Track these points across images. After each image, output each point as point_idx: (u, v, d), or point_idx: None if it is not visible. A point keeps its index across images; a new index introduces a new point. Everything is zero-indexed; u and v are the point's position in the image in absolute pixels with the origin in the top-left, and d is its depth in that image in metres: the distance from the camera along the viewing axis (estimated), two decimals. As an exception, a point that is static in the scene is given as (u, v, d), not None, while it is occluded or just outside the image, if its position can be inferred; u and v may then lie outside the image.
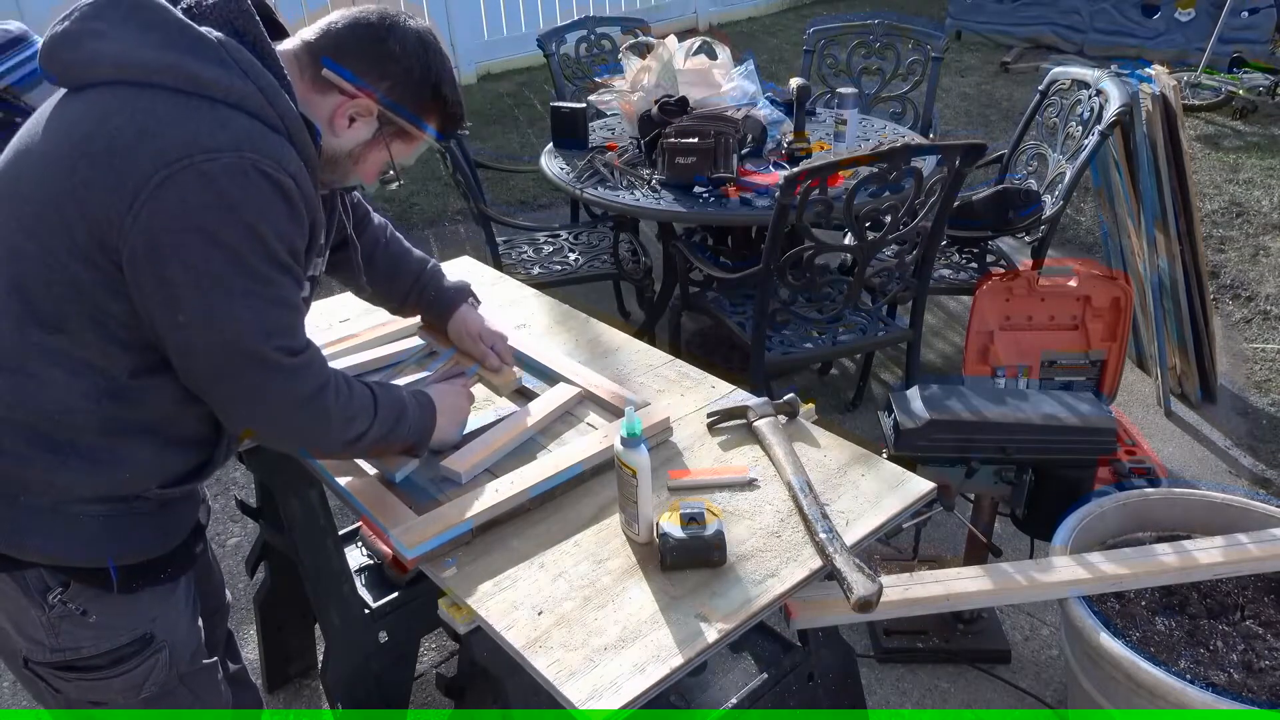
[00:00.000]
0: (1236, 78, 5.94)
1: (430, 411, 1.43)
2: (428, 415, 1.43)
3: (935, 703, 2.15)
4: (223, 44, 1.13)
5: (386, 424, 1.34)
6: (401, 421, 1.37)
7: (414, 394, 1.43)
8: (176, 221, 1.07)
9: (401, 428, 1.37)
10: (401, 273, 1.70)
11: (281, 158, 1.13)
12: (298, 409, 1.21)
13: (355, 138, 1.27)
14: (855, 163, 2.51)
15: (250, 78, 1.13)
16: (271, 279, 1.14)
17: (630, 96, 3.13)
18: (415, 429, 1.40)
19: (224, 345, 1.13)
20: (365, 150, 1.29)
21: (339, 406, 1.26)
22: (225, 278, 1.10)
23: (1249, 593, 1.92)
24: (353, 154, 1.28)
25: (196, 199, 1.07)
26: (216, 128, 1.09)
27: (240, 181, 1.08)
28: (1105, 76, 3.04)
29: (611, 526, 1.35)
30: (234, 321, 1.12)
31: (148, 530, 1.27)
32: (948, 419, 1.97)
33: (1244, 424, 3.11)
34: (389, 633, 1.87)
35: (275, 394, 1.19)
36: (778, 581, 1.23)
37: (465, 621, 1.23)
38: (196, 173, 1.06)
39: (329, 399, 1.24)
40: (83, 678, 1.27)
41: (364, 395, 1.31)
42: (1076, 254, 4.12)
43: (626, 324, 3.71)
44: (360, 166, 1.31)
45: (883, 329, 2.92)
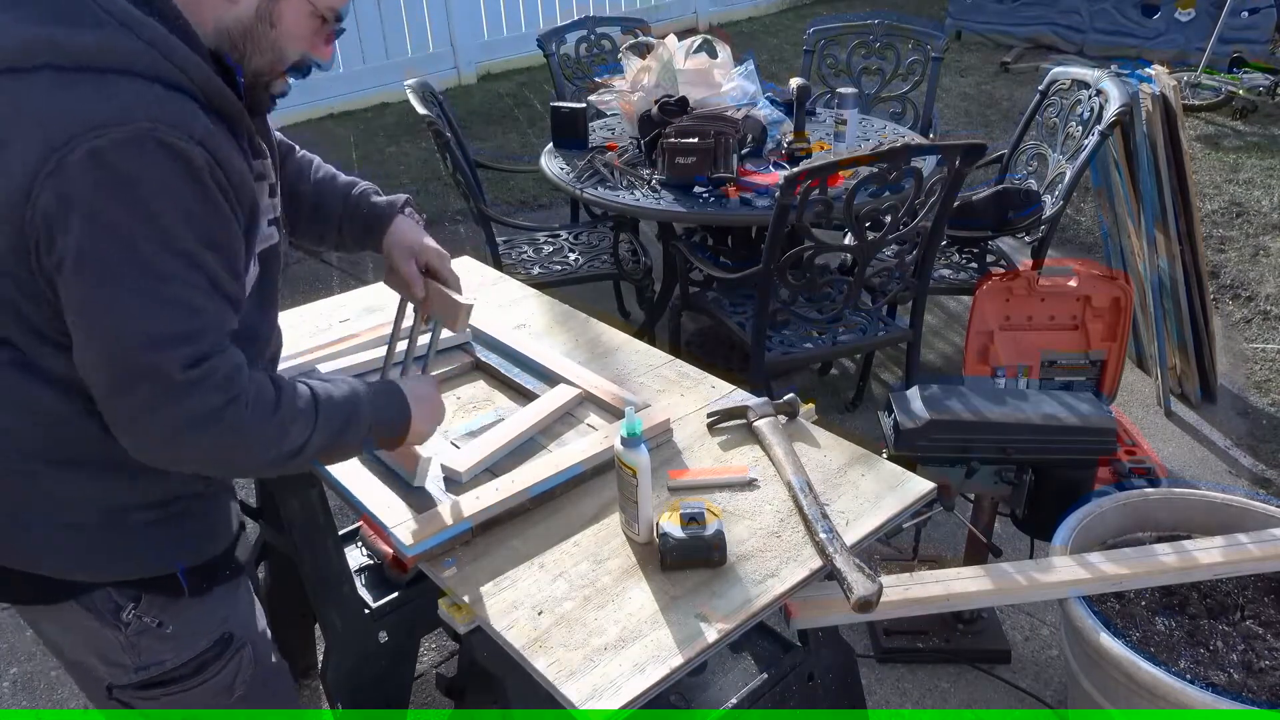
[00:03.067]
0: (1236, 78, 5.93)
1: (398, 400, 1.26)
2: (394, 406, 1.25)
3: (935, 703, 2.15)
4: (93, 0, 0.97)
5: (332, 428, 1.15)
6: (353, 422, 1.18)
7: (375, 385, 1.26)
8: (66, 206, 0.94)
9: (354, 428, 1.18)
10: (327, 200, 1.49)
11: (186, 123, 0.97)
12: (194, 430, 1.02)
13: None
14: (855, 163, 2.51)
15: (133, 30, 0.97)
16: (168, 274, 0.98)
17: (630, 96, 3.13)
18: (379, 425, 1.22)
19: (109, 353, 0.98)
20: (273, 4, 1.06)
21: (256, 421, 1.06)
22: (112, 268, 0.96)
23: (1249, 593, 1.92)
24: (261, 14, 1.06)
25: (86, 179, 0.93)
26: (102, 100, 0.94)
27: (134, 155, 0.94)
28: (1105, 76, 3.04)
29: (611, 526, 1.35)
30: (118, 323, 0.97)
31: (204, 527, 1.23)
32: (948, 419, 1.96)
33: (1244, 424, 3.10)
34: (389, 633, 1.87)
35: (163, 415, 1.00)
36: (778, 581, 1.23)
37: (465, 621, 1.23)
38: (85, 152, 0.93)
39: (241, 415, 1.04)
40: (169, 692, 1.23)
41: (299, 399, 1.13)
42: (1076, 254, 4.12)
43: (626, 324, 3.71)
44: (281, 29, 1.08)
45: (883, 329, 2.92)
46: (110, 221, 0.95)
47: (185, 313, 0.99)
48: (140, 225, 0.96)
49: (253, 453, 1.09)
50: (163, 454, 1.05)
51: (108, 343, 0.98)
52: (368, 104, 6.65)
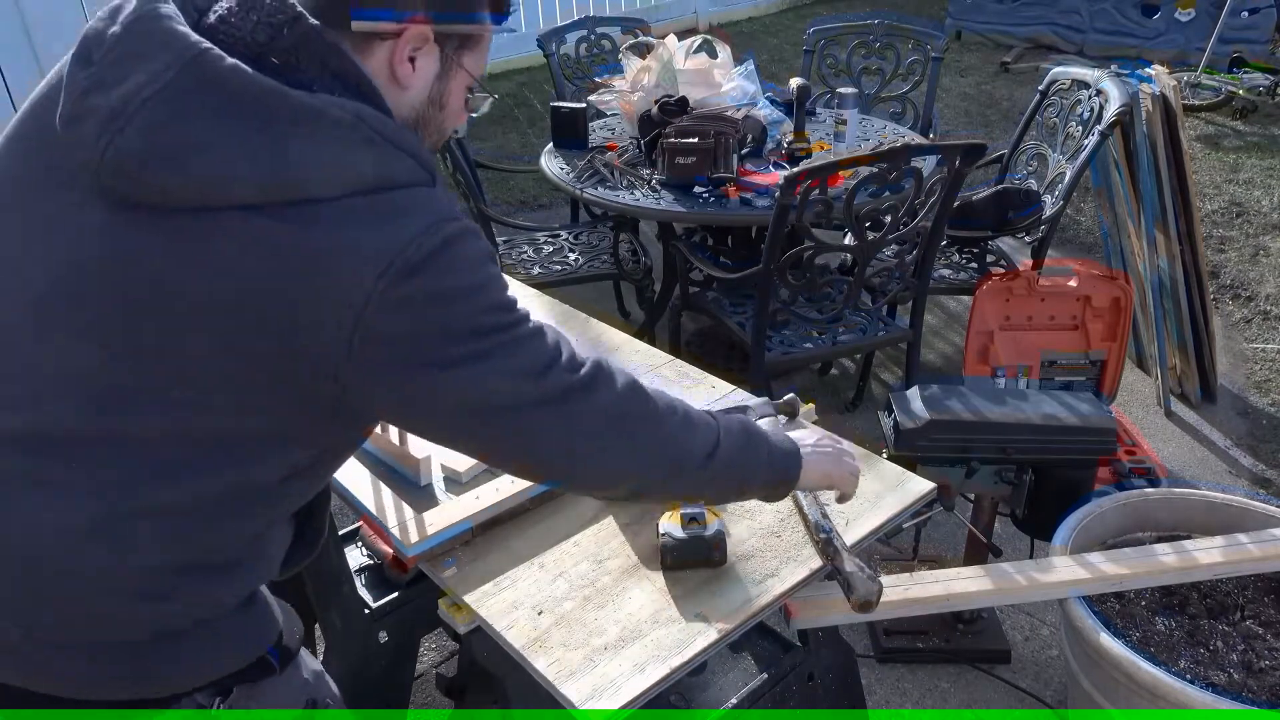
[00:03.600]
0: (1236, 78, 5.93)
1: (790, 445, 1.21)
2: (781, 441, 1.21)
3: (935, 703, 2.15)
4: (360, 118, 0.90)
5: (734, 439, 1.13)
6: (754, 441, 1.16)
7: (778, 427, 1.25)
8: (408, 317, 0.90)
9: (756, 448, 1.16)
10: None
11: (453, 208, 0.96)
12: (617, 411, 1.03)
13: (426, 77, 1.01)
14: (855, 163, 2.51)
15: (393, 142, 0.92)
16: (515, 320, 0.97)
17: (630, 96, 3.13)
18: (777, 450, 1.19)
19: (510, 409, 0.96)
20: (442, 85, 1.03)
21: (661, 407, 1.07)
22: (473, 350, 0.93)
23: (1249, 593, 1.92)
24: (433, 98, 1.03)
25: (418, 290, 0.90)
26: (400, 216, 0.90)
27: (448, 252, 0.91)
28: (1105, 76, 3.04)
29: (612, 526, 1.35)
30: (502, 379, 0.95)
31: (270, 604, 1.14)
32: (948, 419, 1.96)
33: (1244, 424, 3.10)
34: (389, 633, 1.87)
35: (590, 413, 1.00)
36: (778, 581, 1.23)
37: (465, 621, 1.23)
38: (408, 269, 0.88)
39: (641, 392, 1.05)
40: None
41: (677, 402, 1.12)
42: (1076, 254, 4.12)
43: (626, 324, 3.71)
44: (448, 109, 1.06)
45: (883, 329, 2.92)
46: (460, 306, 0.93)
47: (539, 338, 0.99)
48: (479, 305, 0.94)
49: (676, 441, 1.08)
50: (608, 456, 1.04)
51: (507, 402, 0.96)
52: (368, 104, 6.64)
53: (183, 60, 0.86)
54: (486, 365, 0.94)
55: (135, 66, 0.87)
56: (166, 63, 0.86)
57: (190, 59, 0.86)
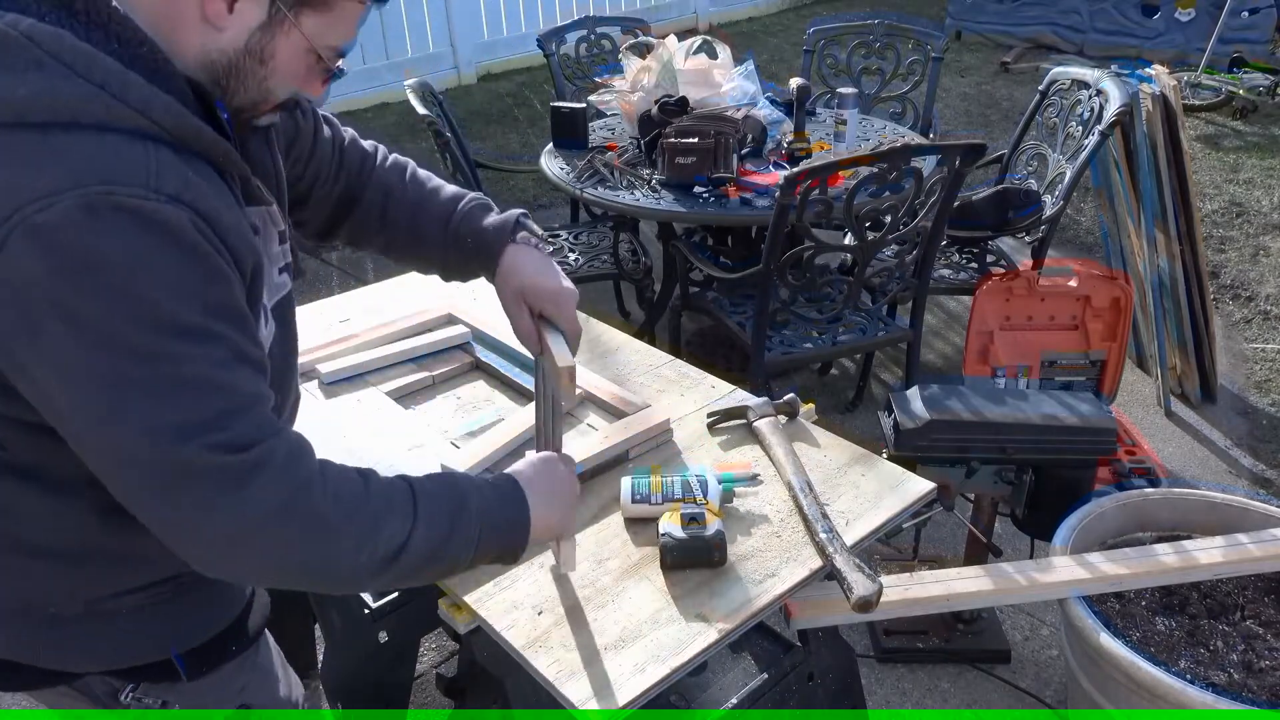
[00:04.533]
0: (1236, 78, 5.94)
1: (514, 495, 1.07)
2: (510, 503, 1.06)
3: (935, 703, 2.15)
4: (30, 37, 0.78)
5: (439, 523, 0.97)
6: (462, 516, 0.99)
7: (480, 477, 1.08)
8: (20, 302, 0.77)
9: (464, 525, 0.99)
10: (425, 223, 1.27)
11: (151, 177, 0.79)
12: (263, 528, 0.85)
13: (244, 23, 0.88)
14: (855, 163, 2.51)
15: (76, 71, 0.78)
16: (174, 354, 0.80)
17: (630, 96, 3.13)
18: (494, 523, 1.03)
19: (133, 464, 0.81)
20: (266, 38, 0.90)
21: (338, 511, 0.89)
22: (100, 368, 0.78)
23: (1249, 593, 1.92)
24: (251, 49, 0.90)
25: (36, 266, 0.75)
26: (45, 163, 0.77)
27: (92, 228, 0.76)
28: (1105, 76, 3.04)
29: (611, 526, 1.35)
30: (130, 429, 0.80)
31: (204, 604, 1.08)
32: (948, 419, 1.96)
33: (1244, 424, 3.10)
34: (389, 633, 1.87)
35: (221, 515, 0.83)
36: (778, 581, 1.23)
37: (465, 621, 1.23)
38: (26, 230, 0.75)
39: (316, 504, 0.88)
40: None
41: (390, 488, 0.96)
42: (1076, 254, 4.12)
43: (626, 324, 3.71)
44: (274, 66, 0.92)
45: (883, 329, 2.92)
46: (80, 316, 0.77)
47: (208, 393, 0.82)
48: (119, 311, 0.78)
49: (340, 554, 0.90)
50: (233, 564, 0.89)
51: (127, 454, 0.81)
52: (368, 104, 6.65)
53: None
54: (114, 395, 0.79)
55: None
56: None
57: None
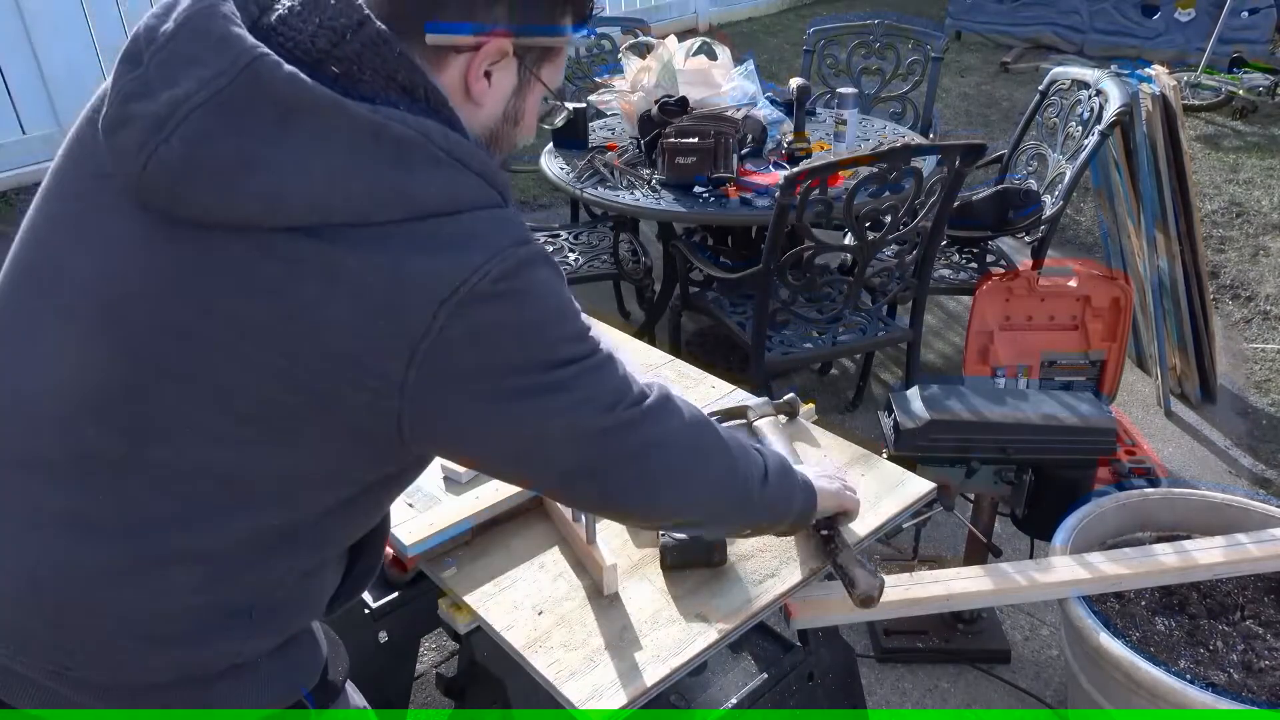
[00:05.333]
0: (1236, 78, 5.94)
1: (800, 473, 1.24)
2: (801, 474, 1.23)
3: (935, 703, 2.15)
4: (425, 134, 0.83)
5: (777, 469, 1.16)
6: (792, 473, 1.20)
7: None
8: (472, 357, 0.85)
9: (795, 479, 1.20)
10: None
11: (525, 229, 0.90)
12: (693, 451, 1.02)
13: (503, 93, 0.95)
14: (855, 163, 2.51)
15: (469, 167, 0.86)
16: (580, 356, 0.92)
17: (630, 96, 3.13)
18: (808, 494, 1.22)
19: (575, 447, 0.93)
20: (518, 101, 0.98)
21: (724, 434, 1.07)
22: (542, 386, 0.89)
23: (1249, 593, 1.92)
24: (509, 114, 0.98)
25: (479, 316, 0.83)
26: (464, 243, 0.84)
27: (514, 273, 0.85)
28: (1105, 76, 3.04)
29: (612, 526, 1.35)
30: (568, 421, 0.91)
31: (315, 641, 1.08)
32: (948, 419, 1.96)
33: (1244, 424, 3.10)
34: (389, 633, 1.87)
35: (657, 449, 0.98)
36: (778, 581, 1.23)
37: (465, 621, 1.23)
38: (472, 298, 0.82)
39: (710, 427, 1.06)
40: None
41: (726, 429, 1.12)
42: (1076, 254, 4.12)
43: (626, 324, 3.71)
44: (523, 124, 1.01)
45: (883, 329, 2.92)
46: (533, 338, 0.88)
47: (610, 371, 0.95)
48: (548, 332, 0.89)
49: (733, 464, 1.07)
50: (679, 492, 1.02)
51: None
52: (368, 104, 6.64)
53: (238, 67, 0.79)
54: (556, 400, 0.90)
55: (186, 70, 0.79)
56: (220, 69, 0.79)
57: (245, 65, 0.79)
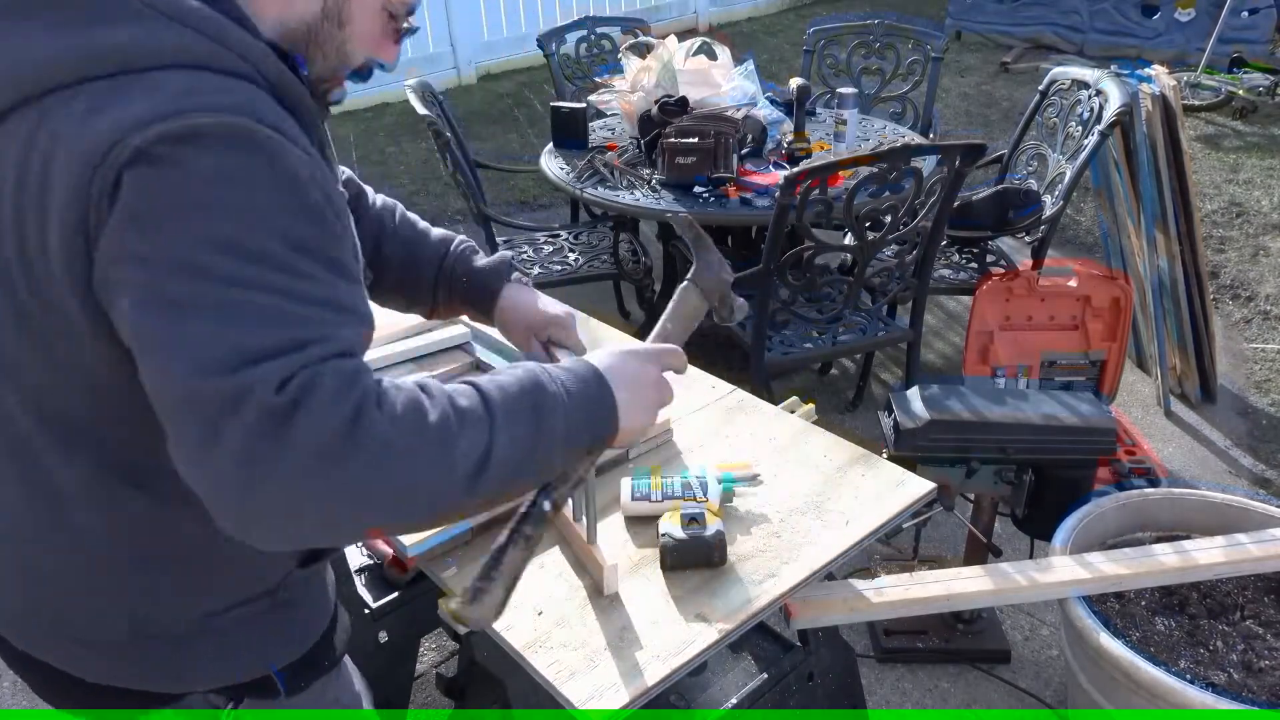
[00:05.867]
0: (1236, 78, 5.93)
1: (597, 387, 0.94)
2: (593, 394, 0.94)
3: (935, 703, 2.15)
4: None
5: (519, 420, 0.85)
6: (544, 418, 0.87)
7: (562, 369, 0.94)
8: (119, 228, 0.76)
9: (549, 417, 0.88)
10: (419, 262, 1.28)
11: (255, 109, 0.78)
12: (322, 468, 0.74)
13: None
14: (855, 163, 2.51)
15: (176, 19, 0.79)
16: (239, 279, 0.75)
17: (630, 96, 3.13)
18: (577, 423, 0.91)
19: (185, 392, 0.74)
20: (343, 1, 0.90)
21: (404, 432, 0.78)
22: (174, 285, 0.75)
23: (1249, 593, 1.92)
24: (329, 12, 0.89)
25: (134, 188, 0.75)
26: (144, 96, 0.76)
27: (191, 149, 0.75)
28: (1105, 76, 3.04)
29: (612, 527, 1.35)
30: (189, 350, 0.74)
31: (302, 617, 1.07)
32: (948, 419, 1.96)
33: (1244, 424, 3.10)
34: (389, 633, 1.87)
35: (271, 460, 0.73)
36: (778, 581, 1.23)
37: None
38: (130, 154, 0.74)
39: (378, 427, 0.77)
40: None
41: (458, 396, 0.84)
42: (1076, 254, 4.12)
43: (626, 324, 3.71)
44: (352, 30, 0.92)
45: (883, 329, 2.92)
46: (167, 228, 0.75)
47: (273, 323, 0.75)
48: (204, 227, 0.75)
49: (417, 481, 0.79)
50: (293, 521, 0.77)
51: (180, 377, 0.74)
52: (368, 104, 6.65)
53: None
54: (166, 319, 0.75)
55: None
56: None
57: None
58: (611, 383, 0.95)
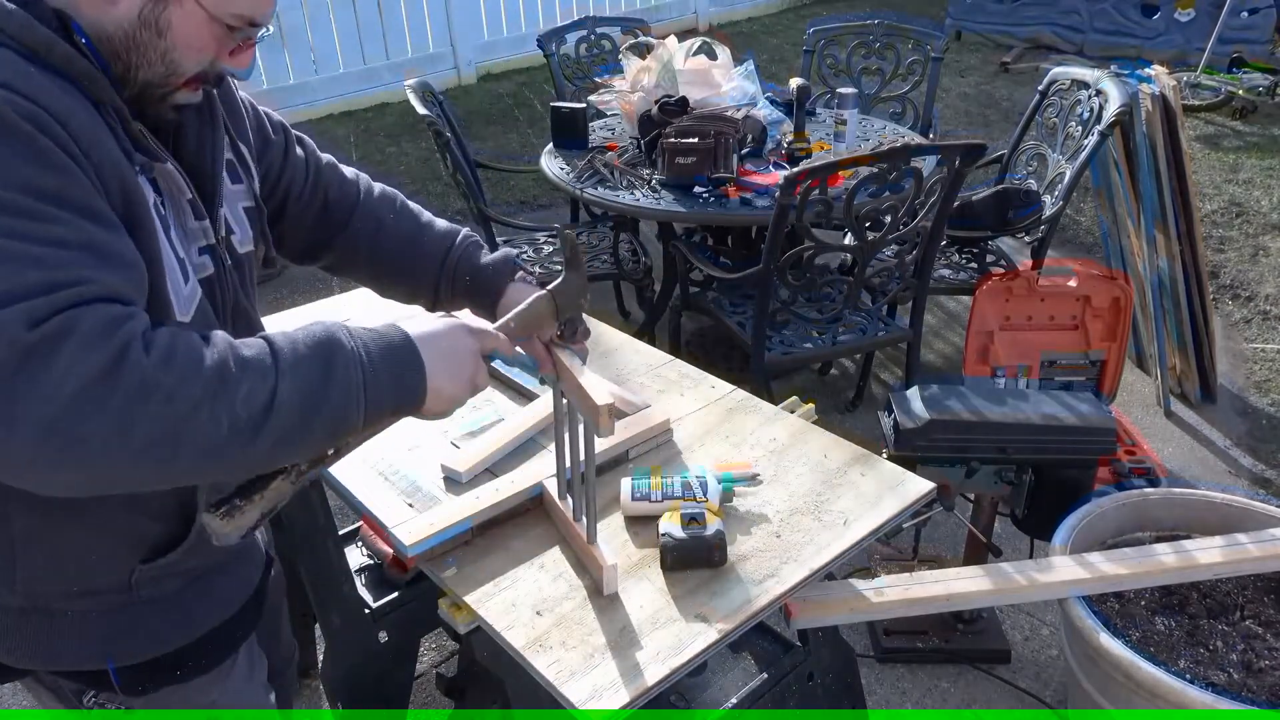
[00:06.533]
0: (1236, 78, 5.93)
1: (404, 349, 0.95)
2: (397, 348, 0.94)
3: (935, 703, 2.15)
4: None
5: (308, 371, 0.85)
6: (338, 359, 0.88)
7: (365, 329, 0.94)
8: None
9: (339, 373, 0.87)
10: (421, 257, 1.28)
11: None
12: (77, 405, 0.74)
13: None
14: (855, 163, 2.51)
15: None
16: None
17: (630, 96, 3.13)
18: (380, 366, 0.91)
19: None
20: (160, 10, 0.89)
21: (175, 376, 0.78)
22: None
23: (1249, 593, 1.92)
24: (145, 20, 0.89)
25: None
26: None
27: None
28: (1105, 76, 3.04)
29: (612, 527, 1.35)
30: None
31: (157, 621, 1.04)
32: (948, 419, 1.96)
33: (1244, 424, 3.10)
34: (389, 633, 1.87)
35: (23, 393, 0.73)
36: (777, 581, 1.23)
37: (465, 621, 1.23)
38: None
39: (144, 369, 0.77)
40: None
41: (243, 346, 0.85)
42: (1076, 254, 4.12)
43: (626, 324, 3.71)
44: (173, 37, 0.91)
45: (883, 329, 2.92)
46: None
47: (19, 266, 0.76)
48: None
49: (185, 427, 0.78)
50: (58, 463, 0.76)
51: None
52: (368, 104, 6.65)
53: None
54: None
55: None
56: None
57: None
58: (422, 348, 0.96)
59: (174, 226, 0.96)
